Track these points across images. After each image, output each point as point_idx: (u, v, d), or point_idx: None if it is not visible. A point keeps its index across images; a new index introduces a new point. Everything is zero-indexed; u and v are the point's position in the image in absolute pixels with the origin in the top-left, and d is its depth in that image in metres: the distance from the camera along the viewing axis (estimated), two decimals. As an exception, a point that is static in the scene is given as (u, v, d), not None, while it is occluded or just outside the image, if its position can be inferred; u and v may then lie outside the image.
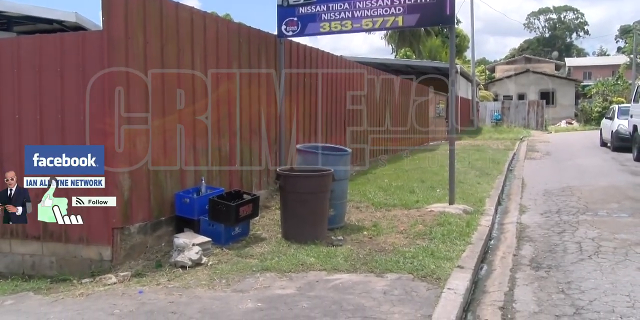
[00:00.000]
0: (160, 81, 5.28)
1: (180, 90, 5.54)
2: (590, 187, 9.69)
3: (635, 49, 35.72)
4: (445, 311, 3.65)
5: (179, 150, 5.52)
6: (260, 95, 7.16)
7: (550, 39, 76.86)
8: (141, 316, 3.60)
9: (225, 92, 6.34)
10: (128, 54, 4.91)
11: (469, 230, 5.93)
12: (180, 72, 5.57)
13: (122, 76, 4.84)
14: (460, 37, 37.95)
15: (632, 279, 4.57)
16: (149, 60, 5.14)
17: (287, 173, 5.65)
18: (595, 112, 35.05)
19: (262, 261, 4.79)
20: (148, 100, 5.11)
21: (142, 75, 5.06)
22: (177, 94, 5.51)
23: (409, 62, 25.30)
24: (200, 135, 5.87)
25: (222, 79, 6.27)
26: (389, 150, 13.36)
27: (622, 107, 18.52)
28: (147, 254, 5.02)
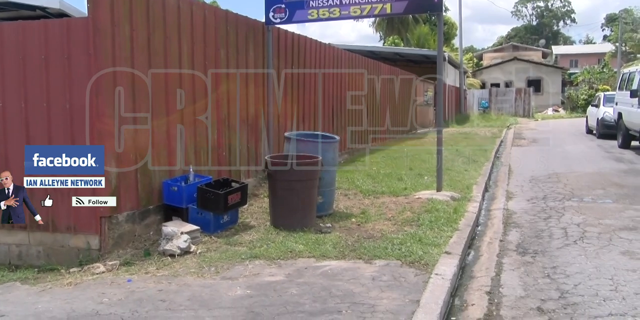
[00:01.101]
0: (147, 69, 5.23)
1: (167, 79, 5.50)
2: (576, 174, 9.80)
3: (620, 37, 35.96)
4: (433, 296, 3.69)
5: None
6: (249, 83, 7.12)
7: (538, 26, 77.00)
8: (130, 304, 3.60)
9: (213, 80, 6.30)
10: (114, 41, 4.85)
11: (457, 216, 5.98)
12: (168, 59, 5.52)
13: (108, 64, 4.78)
14: (449, 25, 37.95)
15: (616, 263, 4.65)
16: (136, 48, 5.09)
17: (276, 160, 5.64)
18: (582, 99, 35.28)
19: (251, 249, 4.80)
20: (134, 88, 5.06)
21: (129, 63, 5.01)
22: (164, 82, 5.47)
23: (398, 50, 25.26)
24: (188, 123, 5.83)
25: (209, 67, 6.22)
26: (377, 139, 13.39)
27: (608, 94, 18.67)
28: (136, 242, 5.01)
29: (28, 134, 4.92)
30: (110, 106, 4.82)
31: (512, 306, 3.78)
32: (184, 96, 5.77)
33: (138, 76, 5.12)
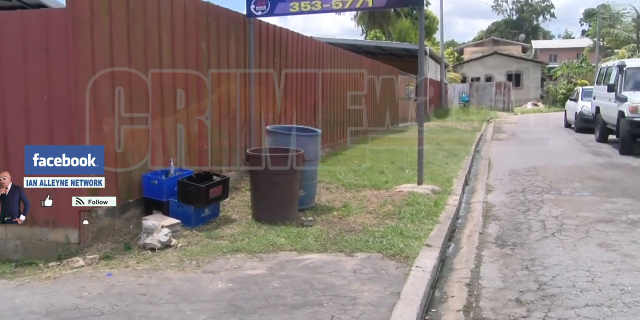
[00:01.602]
0: (127, 61, 5.16)
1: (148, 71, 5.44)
2: (555, 167, 9.94)
3: (598, 32, 36.42)
4: (413, 288, 3.73)
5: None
6: (230, 75, 7.07)
7: (518, 21, 77.63)
8: (110, 298, 3.57)
9: (193, 72, 6.24)
10: (94, 33, 4.77)
11: (437, 209, 6.04)
12: (148, 51, 5.45)
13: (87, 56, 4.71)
14: (430, 19, 38.05)
15: (592, 255, 4.74)
16: (115, 40, 5.02)
17: (257, 154, 5.63)
18: (560, 94, 35.76)
19: (232, 242, 4.79)
20: (114, 80, 5.00)
21: (108, 54, 4.94)
22: (144, 75, 5.40)
23: (379, 44, 25.26)
24: (169, 116, 5.78)
25: (190, 60, 6.17)
26: (359, 132, 13.42)
27: (586, 89, 18.94)
28: (116, 236, 4.96)
29: (5, 126, 4.83)
30: (89, 98, 4.74)
31: (491, 298, 3.84)
32: (165, 88, 5.71)
33: (118, 67, 5.05)
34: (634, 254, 4.75)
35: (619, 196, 7.27)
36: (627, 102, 11.93)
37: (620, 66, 13.32)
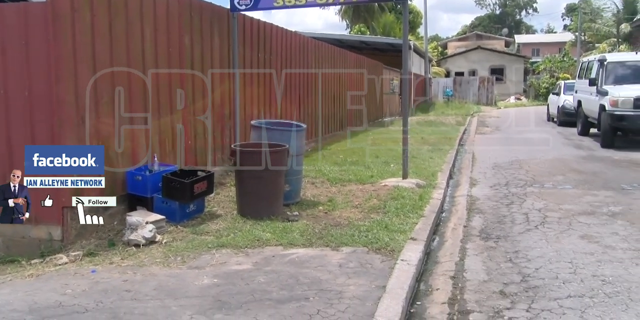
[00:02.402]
0: (108, 56, 5.10)
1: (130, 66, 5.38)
2: (538, 161, 10.05)
3: (580, 26, 36.76)
4: (399, 282, 3.75)
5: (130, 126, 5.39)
6: (214, 70, 7.02)
7: (501, 15, 78.08)
8: (95, 295, 3.54)
9: (177, 67, 6.19)
10: (75, 27, 4.71)
11: (422, 203, 6.07)
12: (130, 46, 5.39)
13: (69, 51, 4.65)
14: (414, 14, 38.12)
15: (575, 247, 4.80)
16: (97, 34, 4.95)
17: (242, 149, 5.61)
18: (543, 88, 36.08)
19: (217, 238, 4.78)
20: (96, 75, 4.94)
21: (90, 49, 4.88)
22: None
23: (364, 38, 25.25)
24: (154, 111, 5.73)
25: (173, 54, 6.11)
26: (344, 127, 13.43)
27: (568, 83, 19.14)
28: (99, 233, 4.92)
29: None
30: (71, 93, 4.69)
31: (476, 290, 3.87)
32: (148, 83, 5.65)
33: (100, 62, 4.99)
34: (614, 246, 4.82)
35: (601, 189, 7.37)
36: (608, 96, 12.08)
37: (601, 60, 13.47)
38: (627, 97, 11.61)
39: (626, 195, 7.00)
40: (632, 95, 11.58)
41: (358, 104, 14.95)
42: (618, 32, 33.33)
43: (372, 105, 16.84)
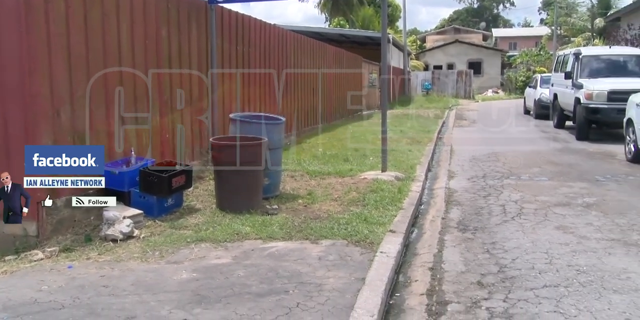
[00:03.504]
0: (84, 48, 5.01)
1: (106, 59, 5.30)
2: (514, 153, 10.17)
3: (556, 21, 37.18)
4: (378, 274, 3.77)
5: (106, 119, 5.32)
6: (192, 63, 6.95)
7: (479, 9, 78.63)
8: (71, 291, 3.50)
9: (153, 59, 6.12)
10: (49, 18, 4.61)
11: (401, 196, 6.11)
12: (106, 38, 5.30)
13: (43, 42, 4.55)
14: (393, 7, 38.18)
15: (550, 238, 4.88)
16: (72, 26, 4.86)
17: (220, 143, 5.57)
18: (520, 81, 36.46)
19: (196, 232, 4.75)
20: (70, 66, 4.85)
21: (65, 41, 4.78)
22: (102, 62, 5.27)
23: (343, 31, 25.24)
24: (129, 104, 5.66)
25: (150, 46, 6.03)
26: (324, 120, 13.42)
27: (544, 76, 19.39)
28: (76, 228, 4.85)
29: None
30: (45, 86, 4.60)
31: (454, 281, 3.92)
32: (124, 75, 5.58)
33: (75, 55, 4.90)
34: (589, 236, 4.92)
35: (576, 180, 7.50)
36: (583, 89, 12.27)
37: (577, 54, 13.68)
38: (601, 91, 11.81)
39: (600, 186, 7.14)
40: (606, 89, 11.79)
41: (337, 97, 14.97)
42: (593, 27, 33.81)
43: (351, 99, 16.85)
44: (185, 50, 6.80)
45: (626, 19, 23.09)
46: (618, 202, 6.24)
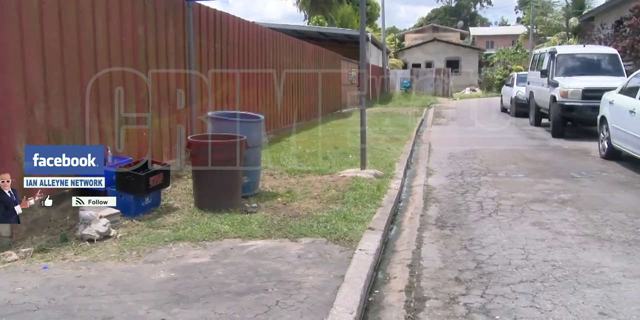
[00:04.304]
0: (59, 45, 4.93)
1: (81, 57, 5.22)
2: (492, 150, 10.29)
3: (532, 20, 37.68)
4: (357, 271, 3.79)
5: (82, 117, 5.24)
6: (169, 60, 6.89)
7: (457, 8, 79.28)
8: (46, 292, 3.44)
9: (130, 56, 6.04)
10: (21, 15, 4.52)
11: (380, 193, 6.14)
12: (82, 35, 5.22)
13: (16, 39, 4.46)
14: (372, 5, 38.26)
15: (527, 234, 4.95)
16: (46, 22, 4.77)
17: (199, 141, 5.53)
18: (497, 79, 36.88)
19: (174, 231, 4.70)
20: (45, 64, 4.77)
21: (39, 37, 4.70)
22: (78, 59, 5.18)
23: (322, 29, 25.21)
24: (105, 101, 5.58)
25: (126, 43, 5.96)
26: (303, 118, 13.42)
27: (521, 74, 19.65)
28: (51, 228, 4.77)
29: None
30: (19, 83, 4.51)
31: (432, 277, 3.95)
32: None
33: (50, 52, 4.82)
34: (564, 232, 5.00)
35: (551, 177, 7.62)
36: (558, 87, 12.46)
37: (552, 53, 13.88)
38: (576, 88, 12.00)
39: (575, 183, 7.26)
40: (580, 87, 11.99)
41: (317, 95, 14.96)
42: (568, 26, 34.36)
43: (330, 97, 16.88)
44: (162, 48, 6.73)
45: (599, 18, 23.50)
46: (592, 198, 6.36)
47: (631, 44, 16.60)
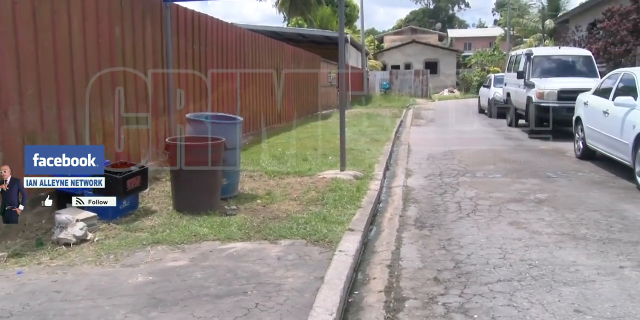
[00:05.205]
0: (33, 46, 4.85)
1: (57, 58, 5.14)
2: (470, 151, 10.40)
3: (508, 22, 38.18)
4: (337, 272, 3.79)
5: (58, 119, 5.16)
6: (146, 62, 6.82)
7: (435, 10, 79.99)
8: (21, 298, 3.38)
9: (106, 57, 5.97)
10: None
11: (359, 194, 6.15)
12: (57, 35, 5.14)
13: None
14: (350, 7, 38.41)
15: (504, 233, 5.01)
16: (19, 23, 4.69)
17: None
18: (475, 81, 37.31)
19: (152, 234, 4.66)
20: (19, 65, 4.69)
21: (12, 38, 4.62)
22: (53, 61, 5.11)
23: (301, 31, 25.25)
24: (81, 103, 5.51)
25: (103, 44, 5.89)
26: (282, 120, 13.40)
27: (498, 76, 19.89)
28: (26, 232, 4.68)
29: None
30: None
31: (411, 277, 3.98)
32: (76, 74, 5.43)
33: (24, 53, 4.74)
34: (541, 231, 5.07)
35: (528, 177, 7.72)
36: (534, 89, 12.66)
37: (528, 54, 14.09)
38: (552, 90, 12.20)
39: (551, 182, 7.37)
40: (556, 88, 12.19)
41: (296, 96, 14.96)
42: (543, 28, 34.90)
43: (310, 98, 16.88)
44: (139, 49, 6.67)
45: (574, 20, 23.91)
46: (568, 197, 6.46)
47: (604, 46, 16.93)
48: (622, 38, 16.25)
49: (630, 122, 7.22)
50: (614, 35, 16.63)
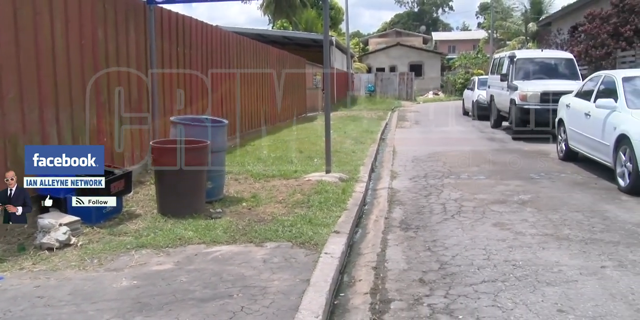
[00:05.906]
0: (14, 48, 4.80)
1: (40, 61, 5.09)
2: (454, 153, 10.46)
3: (492, 25, 38.55)
4: (322, 275, 3.79)
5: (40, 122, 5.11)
6: (130, 64, 6.78)
7: (419, 13, 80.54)
8: (2, 304, 3.33)
9: (90, 60, 5.93)
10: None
11: (345, 196, 6.17)
12: (39, 37, 5.09)
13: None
14: (336, 10, 38.54)
15: (488, 234, 5.05)
16: (1, 24, 4.64)
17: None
18: (459, 83, 37.54)
19: (137, 238, 4.62)
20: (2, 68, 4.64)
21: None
22: (35, 63, 5.06)
23: (286, 34, 25.24)
24: (65, 106, 5.46)
25: (86, 46, 5.84)
26: (268, 122, 13.38)
27: (481, 78, 20.04)
28: (8, 237, 4.62)
29: None
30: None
31: (397, 279, 3.99)
32: (59, 76, 5.38)
33: (4, 55, 4.69)
34: (524, 232, 5.12)
35: (512, 178, 7.79)
36: (517, 91, 12.77)
37: (511, 57, 14.22)
38: (534, 92, 12.32)
39: (534, 184, 7.44)
40: (539, 90, 12.32)
41: (281, 99, 14.94)
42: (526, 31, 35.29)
43: (295, 101, 16.88)
44: (123, 51, 6.63)
45: (556, 24, 24.20)
46: (551, 198, 6.53)
47: (585, 49, 17.15)
48: (603, 41, 16.47)
49: (611, 124, 7.32)
50: (595, 38, 16.85)
